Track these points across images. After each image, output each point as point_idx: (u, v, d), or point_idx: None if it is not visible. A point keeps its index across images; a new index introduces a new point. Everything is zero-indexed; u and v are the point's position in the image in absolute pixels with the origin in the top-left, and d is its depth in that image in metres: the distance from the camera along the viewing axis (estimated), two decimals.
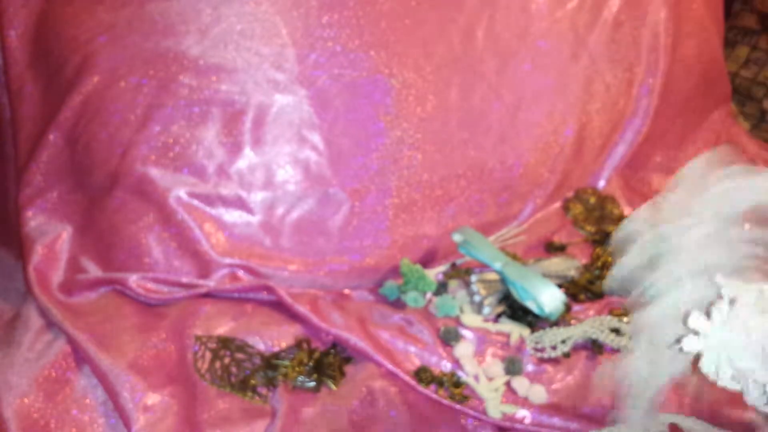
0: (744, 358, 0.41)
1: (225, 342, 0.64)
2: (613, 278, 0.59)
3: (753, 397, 0.40)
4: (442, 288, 0.73)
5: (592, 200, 0.87)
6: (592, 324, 0.67)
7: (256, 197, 0.72)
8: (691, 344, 0.42)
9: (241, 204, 0.72)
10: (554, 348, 0.66)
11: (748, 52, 1.16)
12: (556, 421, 0.59)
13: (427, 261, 0.77)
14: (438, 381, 0.62)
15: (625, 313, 0.70)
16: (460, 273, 0.75)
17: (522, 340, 0.67)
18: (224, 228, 0.71)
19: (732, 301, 0.42)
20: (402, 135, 0.76)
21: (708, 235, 0.49)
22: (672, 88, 0.94)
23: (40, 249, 0.68)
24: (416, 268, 0.72)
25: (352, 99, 0.74)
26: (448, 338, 0.66)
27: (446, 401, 0.60)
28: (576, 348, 0.67)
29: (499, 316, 0.70)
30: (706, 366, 0.41)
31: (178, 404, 0.59)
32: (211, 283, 0.70)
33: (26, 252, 0.68)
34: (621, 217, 0.86)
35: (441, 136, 0.78)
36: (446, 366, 0.64)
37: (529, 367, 0.65)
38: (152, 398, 0.58)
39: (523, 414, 0.60)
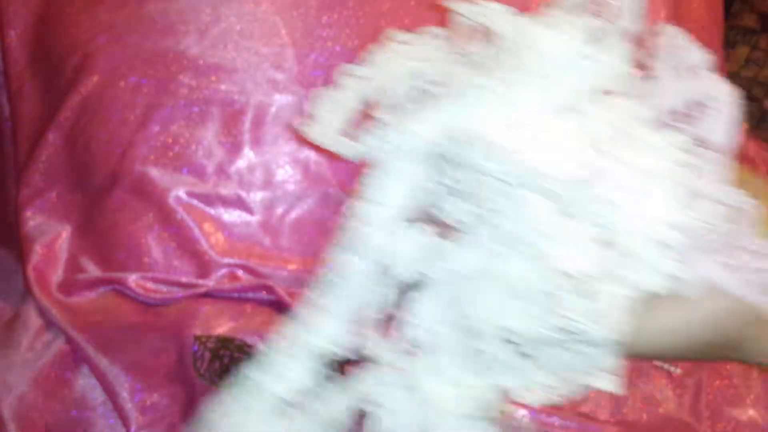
0: None
1: (224, 342, 0.64)
2: None
3: None
4: None
5: None
6: None
7: (256, 197, 0.72)
8: None
9: (240, 204, 0.72)
10: None
11: (748, 52, 1.16)
12: (555, 420, 0.59)
13: None
14: None
15: None
16: None
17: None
18: (223, 228, 0.71)
19: None
20: None
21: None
22: None
23: (40, 249, 0.68)
24: None
25: None
26: None
27: None
28: None
29: None
30: None
31: (178, 404, 0.59)
32: (210, 283, 0.70)
33: (25, 252, 0.68)
34: None
35: None
36: None
37: None
38: (151, 398, 0.58)
39: (522, 413, 0.60)
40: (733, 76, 1.13)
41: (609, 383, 0.32)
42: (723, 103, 0.31)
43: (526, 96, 0.30)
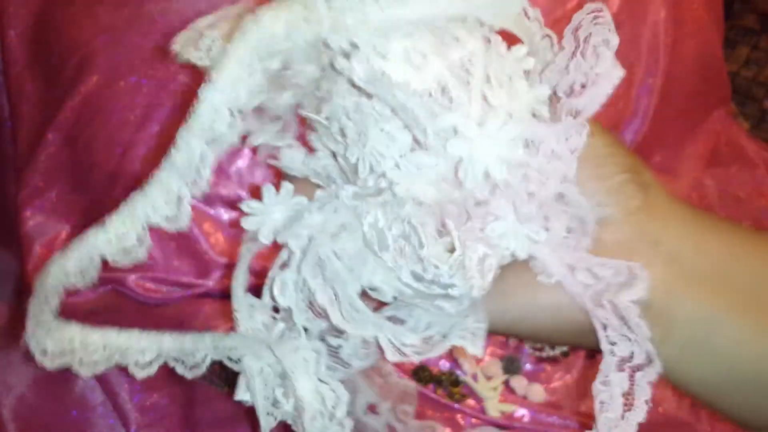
0: None
1: None
2: None
3: None
4: None
5: None
6: None
7: None
8: None
9: (240, 203, 0.72)
10: (553, 347, 0.66)
11: (749, 52, 1.16)
12: (555, 419, 0.59)
13: None
14: (436, 380, 0.62)
15: None
16: None
17: (520, 339, 0.67)
18: (223, 228, 0.71)
19: None
20: None
21: None
22: (672, 88, 0.94)
23: (39, 248, 0.68)
24: None
25: None
26: None
27: (444, 400, 0.60)
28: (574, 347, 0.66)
29: None
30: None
31: (177, 404, 0.59)
32: (210, 283, 0.70)
33: (25, 251, 0.68)
34: None
35: None
36: (445, 365, 0.64)
37: (528, 366, 0.65)
38: (151, 398, 0.58)
39: (522, 413, 0.60)
40: (733, 76, 1.14)
41: (470, 344, 0.31)
42: (608, 85, 0.31)
43: (403, 9, 0.30)
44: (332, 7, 0.30)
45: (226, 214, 0.71)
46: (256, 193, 0.36)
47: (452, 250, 0.30)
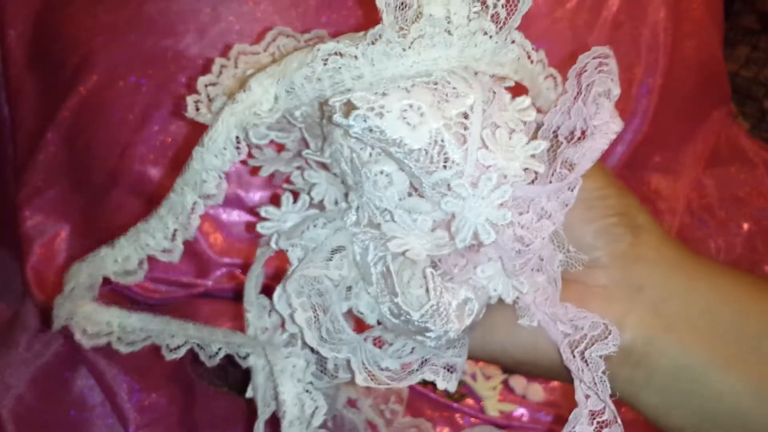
0: None
1: None
2: None
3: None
4: None
5: None
6: None
7: (255, 197, 0.72)
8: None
9: (239, 203, 0.72)
10: None
11: (748, 52, 1.16)
12: (553, 418, 0.59)
13: None
14: None
15: None
16: None
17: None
18: (222, 227, 0.71)
19: None
20: None
21: None
22: (671, 88, 0.94)
23: (38, 248, 0.68)
24: None
25: None
26: None
27: (443, 400, 0.60)
28: None
29: None
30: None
31: (176, 404, 0.59)
32: (209, 283, 0.70)
33: (24, 251, 0.68)
34: None
35: None
36: None
37: None
38: (150, 398, 0.58)
39: (521, 412, 0.60)
40: (733, 76, 1.14)
41: (440, 379, 0.32)
42: (604, 140, 0.31)
43: (396, 64, 0.30)
44: (329, 68, 0.30)
45: (224, 214, 0.71)
46: (275, 199, 0.37)
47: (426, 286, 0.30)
